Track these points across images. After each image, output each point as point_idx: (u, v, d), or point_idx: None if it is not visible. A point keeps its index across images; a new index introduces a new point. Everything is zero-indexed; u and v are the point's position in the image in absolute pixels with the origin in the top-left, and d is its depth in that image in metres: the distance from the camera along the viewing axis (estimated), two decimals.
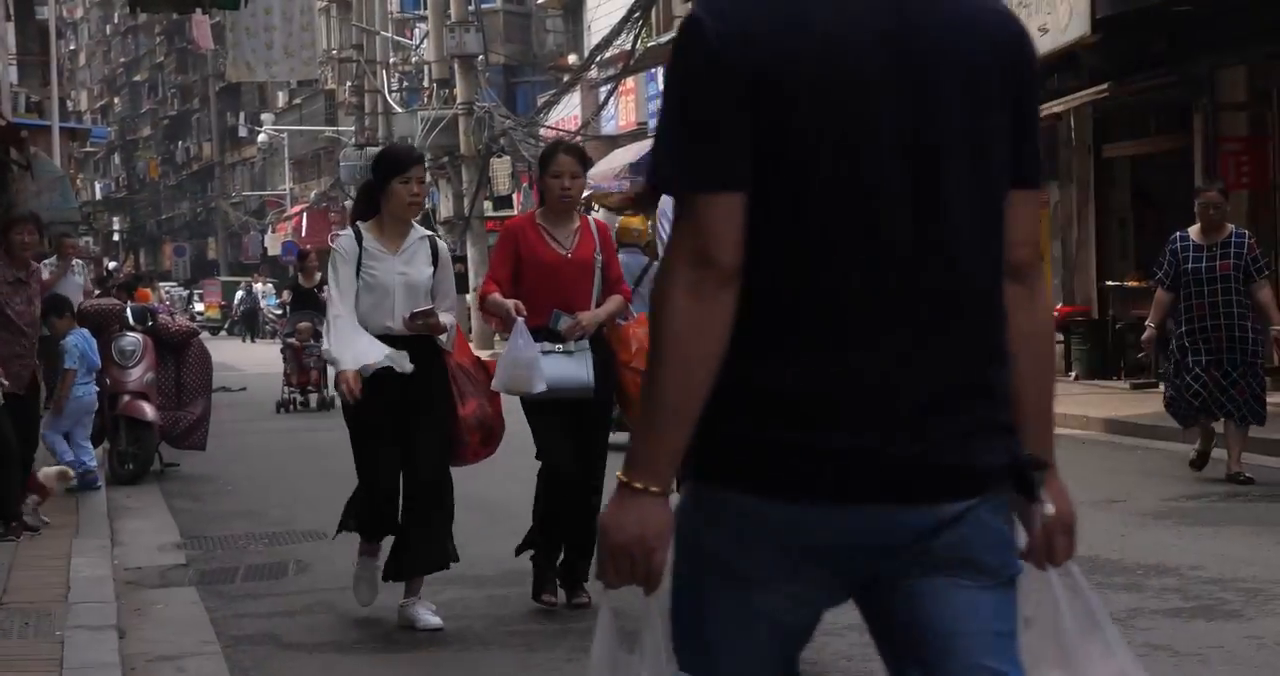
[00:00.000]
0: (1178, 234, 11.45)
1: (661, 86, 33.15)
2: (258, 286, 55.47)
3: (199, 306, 61.64)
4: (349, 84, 57.23)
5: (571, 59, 38.47)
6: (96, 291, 19.12)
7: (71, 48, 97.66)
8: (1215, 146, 17.33)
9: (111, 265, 57.69)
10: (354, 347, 7.19)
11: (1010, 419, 2.75)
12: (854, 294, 2.65)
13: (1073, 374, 19.90)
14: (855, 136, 2.64)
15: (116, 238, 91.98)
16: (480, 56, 36.76)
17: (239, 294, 58.02)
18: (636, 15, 27.62)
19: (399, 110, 45.44)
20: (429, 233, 7.56)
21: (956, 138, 2.69)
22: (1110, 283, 20.31)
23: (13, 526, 9.72)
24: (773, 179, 2.64)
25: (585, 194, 35.37)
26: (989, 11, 2.78)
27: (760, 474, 2.65)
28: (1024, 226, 2.79)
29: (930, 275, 2.68)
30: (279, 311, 28.11)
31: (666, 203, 5.89)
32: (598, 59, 30.85)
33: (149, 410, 12.97)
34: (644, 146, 33.43)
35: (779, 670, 2.81)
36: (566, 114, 35.99)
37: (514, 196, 38.34)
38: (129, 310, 14.04)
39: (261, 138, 70.07)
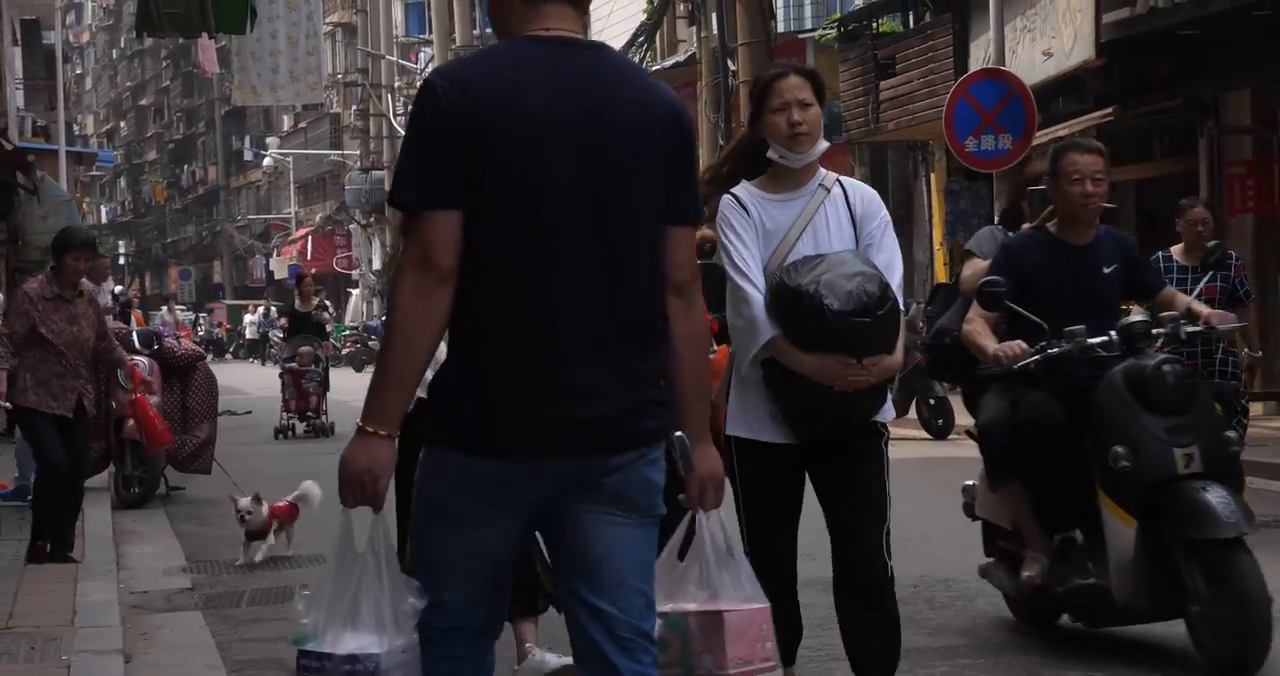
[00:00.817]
0: (1159, 253, 10.53)
1: None
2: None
3: (202, 330, 61.70)
4: (354, 108, 57.36)
5: None
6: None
7: (78, 72, 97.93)
8: (1221, 170, 17.33)
9: (117, 289, 57.39)
10: None
11: (665, 397, 3.71)
12: (547, 307, 3.56)
13: None
14: (545, 187, 3.56)
15: (122, 261, 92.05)
16: None
17: (248, 318, 58.08)
18: (641, 39, 27.71)
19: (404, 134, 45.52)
20: None
21: (624, 189, 3.62)
22: None
23: (55, 553, 9.67)
24: (485, 211, 3.55)
25: None
26: (654, 94, 3.71)
27: (473, 437, 3.57)
28: (681, 254, 3.74)
29: (604, 292, 3.60)
30: (281, 335, 28.09)
31: (726, 206, 5.50)
32: None
33: None
34: None
35: (489, 587, 3.72)
36: None
37: None
38: (134, 334, 14.04)
39: (267, 161, 70.20)
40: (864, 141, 24.41)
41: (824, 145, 5.46)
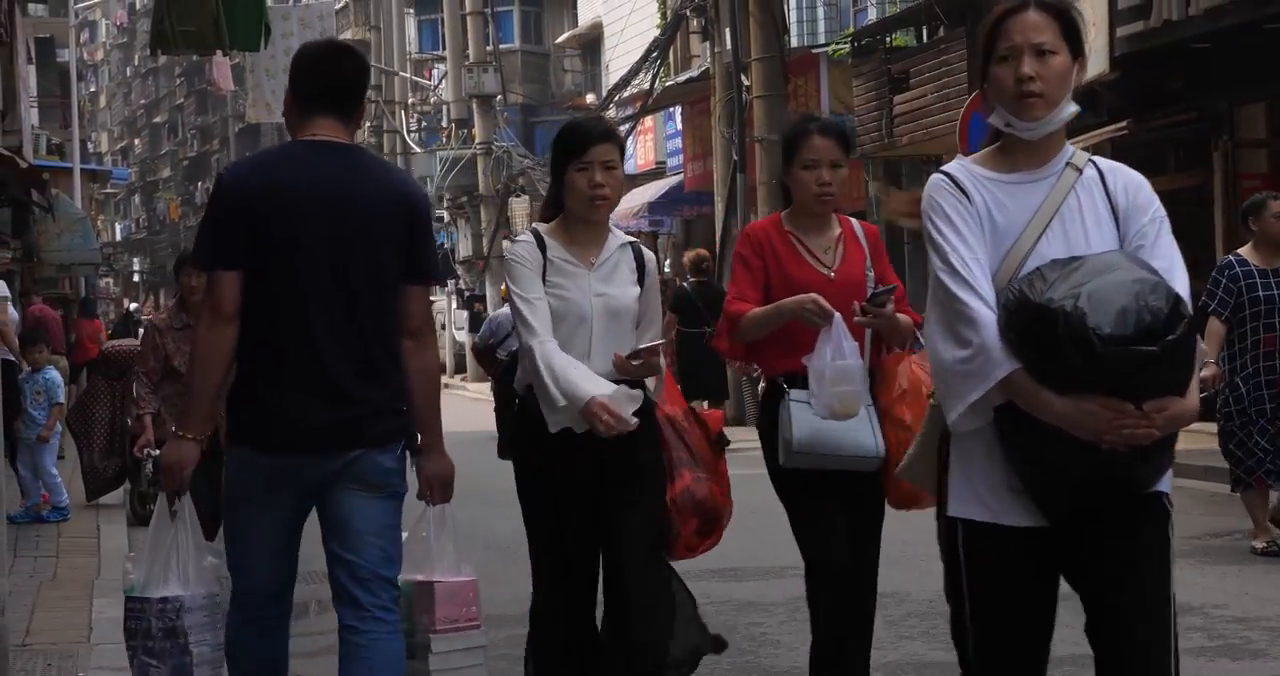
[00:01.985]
0: (1231, 258, 10.04)
1: (678, 126, 33.17)
2: None
3: None
4: (368, 124, 57.42)
5: (590, 98, 38.59)
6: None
7: (92, 90, 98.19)
8: (1235, 183, 17.30)
9: (132, 306, 57.67)
10: (586, 377, 5.34)
11: (400, 407, 4.92)
12: (307, 344, 4.79)
13: None
14: (302, 255, 4.79)
15: (137, 278, 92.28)
16: (498, 96, 36.89)
17: None
18: (654, 55, 27.72)
19: (417, 150, 45.61)
20: (631, 238, 5.67)
21: (364, 256, 4.84)
22: None
23: None
24: (260, 269, 4.78)
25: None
26: (392, 182, 5.01)
27: (256, 437, 4.85)
28: (415, 306, 4.98)
29: (350, 334, 4.83)
30: None
31: (936, 188, 3.98)
32: (616, 98, 30.94)
33: None
34: (663, 185, 33.54)
35: (282, 556, 4.98)
36: None
37: None
38: None
39: None
40: (877, 156, 24.40)
41: (1072, 108, 4.14)
